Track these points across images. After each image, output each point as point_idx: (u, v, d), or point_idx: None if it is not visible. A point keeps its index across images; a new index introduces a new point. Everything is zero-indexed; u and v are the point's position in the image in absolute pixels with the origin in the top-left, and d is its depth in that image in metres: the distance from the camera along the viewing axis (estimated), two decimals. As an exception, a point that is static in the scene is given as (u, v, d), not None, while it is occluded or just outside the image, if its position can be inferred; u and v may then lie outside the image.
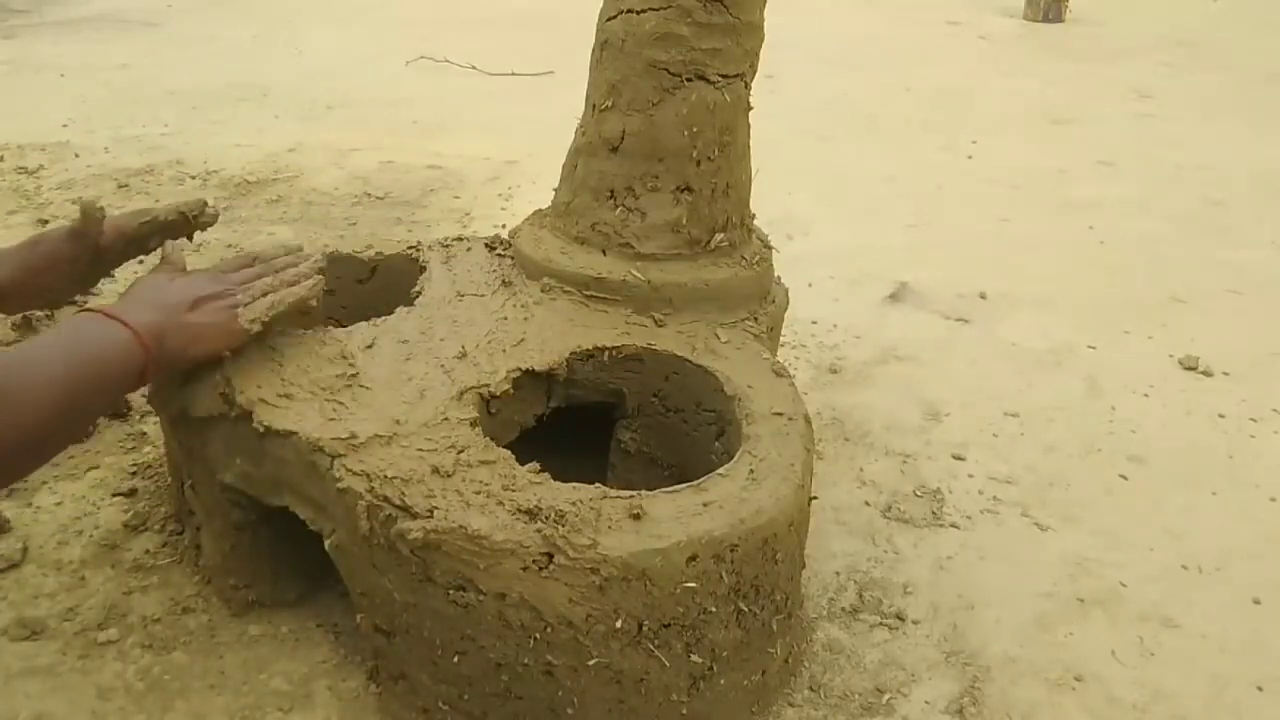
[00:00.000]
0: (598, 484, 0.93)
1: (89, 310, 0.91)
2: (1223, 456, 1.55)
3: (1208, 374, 1.80)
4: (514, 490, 0.90)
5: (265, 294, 1.03)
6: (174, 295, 0.97)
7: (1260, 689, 1.11)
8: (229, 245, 2.21)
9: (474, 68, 3.93)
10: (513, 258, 1.35)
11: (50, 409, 0.80)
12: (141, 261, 1.29)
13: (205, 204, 1.24)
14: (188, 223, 1.20)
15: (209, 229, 1.25)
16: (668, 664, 0.90)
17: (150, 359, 0.90)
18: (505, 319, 1.21)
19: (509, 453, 0.96)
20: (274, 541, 1.11)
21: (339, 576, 0.99)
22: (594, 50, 1.25)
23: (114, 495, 1.31)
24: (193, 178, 2.65)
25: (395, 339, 1.16)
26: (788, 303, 1.40)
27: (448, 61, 3.99)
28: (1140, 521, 1.39)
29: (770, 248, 1.34)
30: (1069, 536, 1.35)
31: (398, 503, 0.88)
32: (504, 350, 1.14)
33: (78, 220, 1.11)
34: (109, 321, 0.90)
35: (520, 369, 1.11)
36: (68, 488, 1.32)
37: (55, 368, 0.82)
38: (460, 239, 1.44)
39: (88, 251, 1.13)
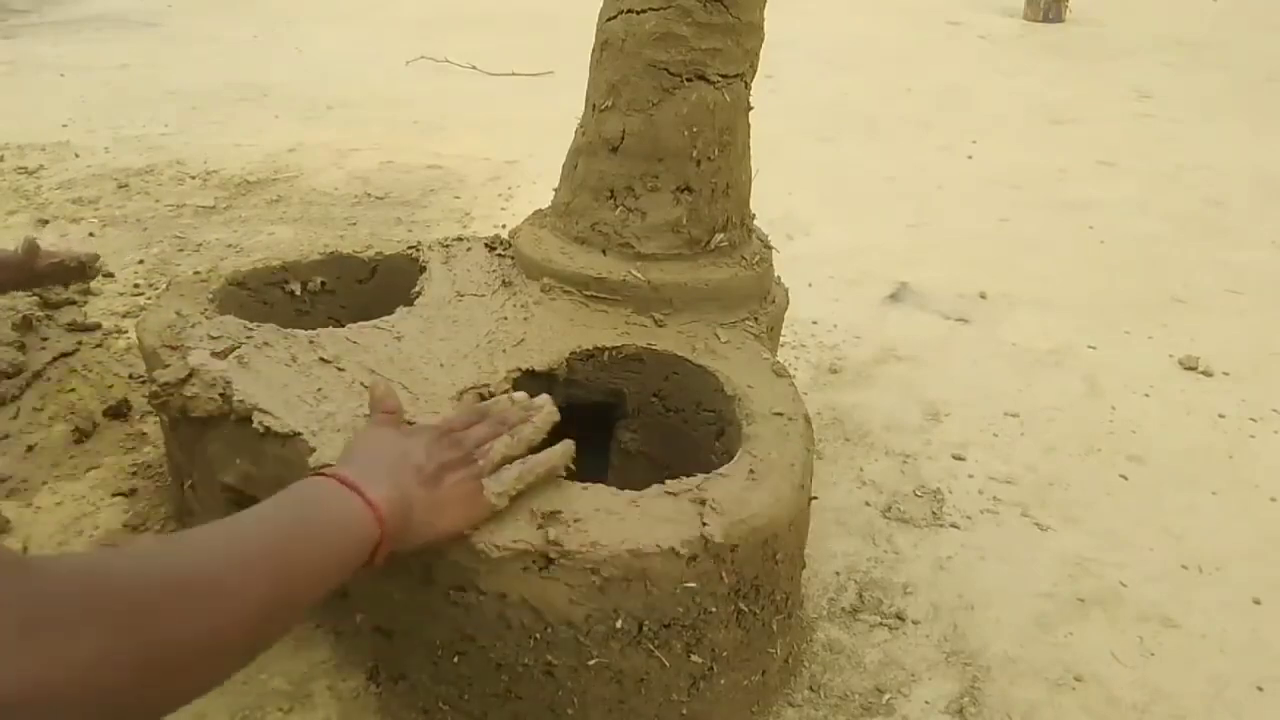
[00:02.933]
0: (598, 484, 0.93)
1: (321, 473, 0.78)
2: (1223, 456, 1.55)
3: (1208, 374, 1.80)
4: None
5: (505, 458, 0.89)
6: (413, 460, 0.83)
7: (1260, 689, 1.11)
8: (229, 245, 2.21)
9: (474, 68, 3.93)
10: (513, 258, 1.35)
11: (258, 600, 0.64)
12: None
13: (98, 257, 1.45)
14: (83, 272, 1.41)
15: (98, 276, 1.49)
16: (668, 664, 0.90)
17: (385, 537, 0.76)
18: (505, 319, 1.21)
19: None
20: (274, 541, 1.11)
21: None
22: (594, 50, 1.25)
23: (114, 495, 1.31)
24: (193, 178, 2.65)
25: (395, 339, 1.16)
26: (788, 303, 1.40)
27: (448, 61, 3.99)
28: (1140, 521, 1.39)
29: (770, 248, 1.34)
30: (1069, 536, 1.35)
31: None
32: (504, 350, 1.14)
33: (15, 254, 1.22)
34: (342, 491, 0.76)
35: (520, 369, 1.11)
36: (68, 488, 1.32)
37: (269, 548, 0.67)
38: (460, 239, 1.44)
39: (7, 279, 1.20)
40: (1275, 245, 2.44)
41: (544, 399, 0.96)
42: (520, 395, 0.97)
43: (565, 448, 0.92)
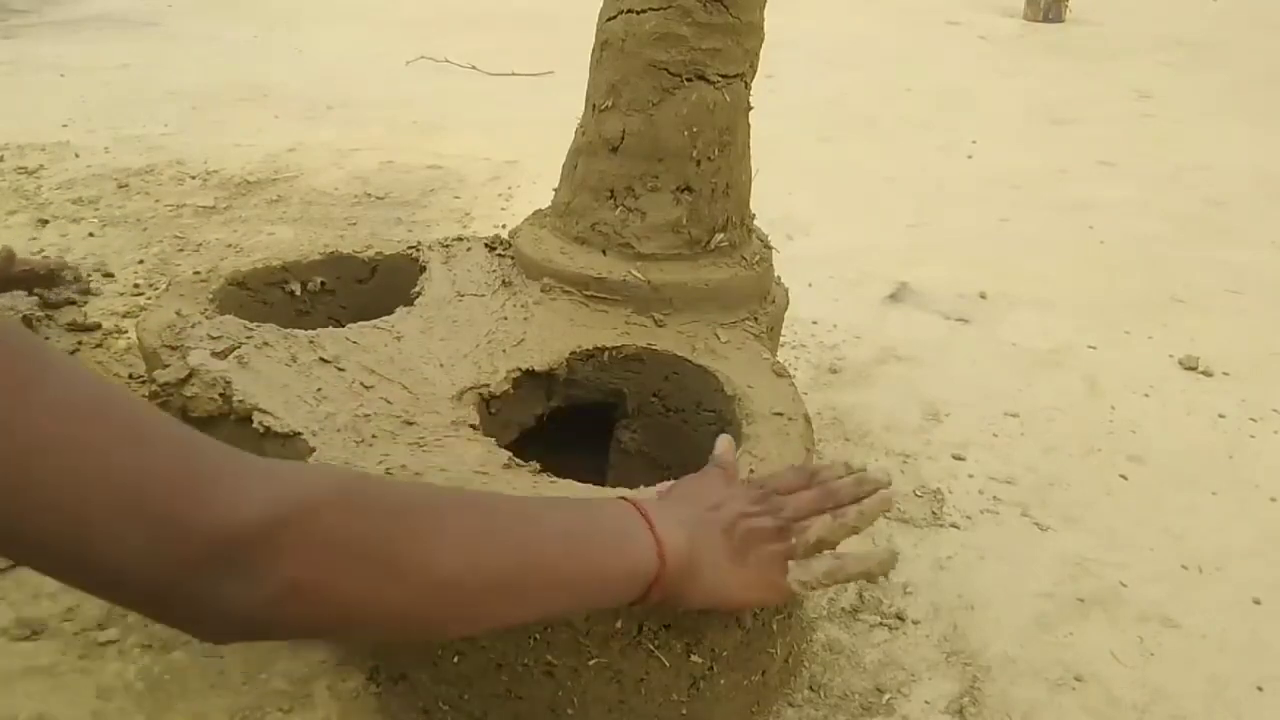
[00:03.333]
0: (598, 484, 0.93)
1: (623, 497, 0.75)
2: (1223, 456, 1.55)
3: (1208, 374, 1.80)
4: (514, 490, 0.90)
5: (821, 542, 0.82)
6: (723, 517, 0.78)
7: (1260, 689, 1.11)
8: (229, 245, 2.21)
9: (474, 68, 3.93)
10: (513, 258, 1.35)
11: (483, 570, 0.60)
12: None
13: (65, 265, 1.55)
14: (51, 279, 1.45)
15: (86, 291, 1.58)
16: (668, 664, 0.90)
17: (663, 577, 0.71)
18: (505, 319, 1.21)
19: (508, 453, 0.96)
20: (274, 541, 1.11)
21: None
22: (594, 50, 1.25)
23: (114, 495, 1.31)
24: (193, 178, 2.65)
25: (395, 339, 1.16)
26: (788, 303, 1.40)
27: (448, 61, 3.99)
28: (1140, 521, 1.39)
29: (770, 248, 1.34)
30: (1069, 536, 1.35)
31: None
32: (504, 350, 1.14)
33: None
34: (633, 515, 0.72)
35: (520, 369, 1.11)
36: (68, 488, 1.32)
37: (519, 524, 0.65)
38: (460, 239, 1.44)
39: None
40: (1275, 245, 2.44)
41: (882, 474, 0.87)
42: (857, 464, 0.88)
43: (887, 557, 0.85)
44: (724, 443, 0.89)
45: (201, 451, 0.51)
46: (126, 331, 1.72)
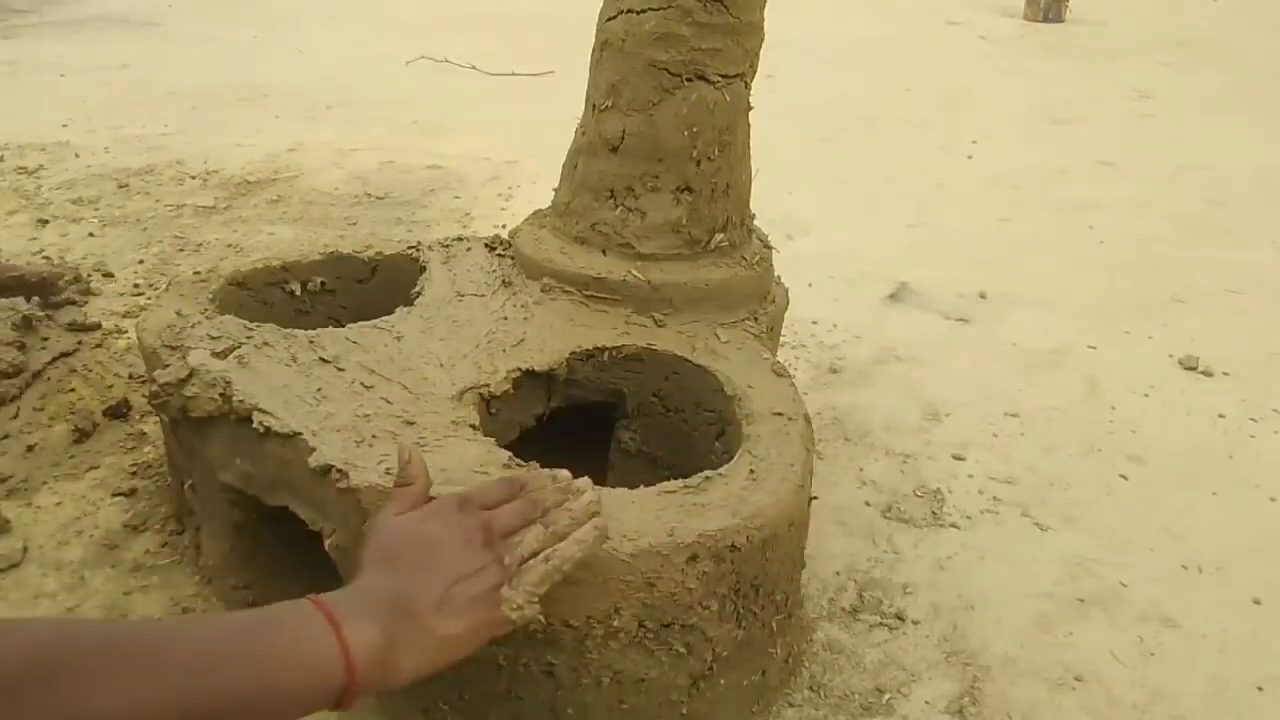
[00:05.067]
0: (598, 484, 0.92)
1: (309, 598, 0.70)
2: (1223, 456, 1.55)
3: (1208, 374, 1.80)
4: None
5: (532, 555, 0.79)
6: (421, 584, 0.74)
7: (1260, 689, 1.11)
8: (229, 245, 2.21)
9: (474, 68, 3.94)
10: (513, 258, 1.35)
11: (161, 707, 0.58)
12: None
13: (62, 275, 1.40)
14: (48, 288, 1.37)
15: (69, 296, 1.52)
16: (668, 664, 0.90)
17: (355, 687, 0.68)
18: (505, 319, 1.21)
19: (508, 453, 0.96)
20: (274, 541, 1.11)
21: (339, 576, 0.98)
22: (594, 50, 1.25)
23: (114, 495, 1.31)
24: (193, 178, 2.65)
25: (395, 339, 1.16)
26: (788, 303, 1.40)
27: (448, 61, 3.99)
28: (1140, 521, 1.39)
29: (770, 248, 1.34)
30: (1069, 536, 1.35)
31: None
32: (504, 350, 1.14)
33: None
34: (320, 625, 0.68)
35: (520, 369, 1.11)
36: (68, 488, 1.32)
37: (199, 666, 0.61)
38: (460, 239, 1.44)
39: None
40: (1275, 245, 2.44)
41: (584, 482, 0.86)
42: (563, 474, 0.86)
43: (598, 530, 0.82)
44: (405, 452, 0.83)
45: None
46: (126, 331, 1.72)
